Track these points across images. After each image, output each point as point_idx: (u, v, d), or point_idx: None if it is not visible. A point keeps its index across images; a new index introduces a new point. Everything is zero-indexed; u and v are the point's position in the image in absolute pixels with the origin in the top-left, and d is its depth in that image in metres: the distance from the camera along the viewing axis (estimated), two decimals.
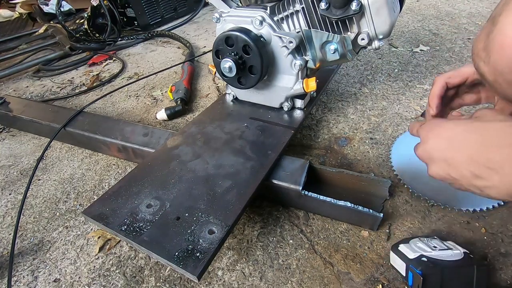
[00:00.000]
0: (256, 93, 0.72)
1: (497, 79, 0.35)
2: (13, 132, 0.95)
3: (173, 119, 0.89)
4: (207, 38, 1.44)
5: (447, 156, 0.35)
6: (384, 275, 0.48)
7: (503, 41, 0.32)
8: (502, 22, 0.32)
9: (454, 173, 0.34)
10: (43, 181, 0.75)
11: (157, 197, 0.51)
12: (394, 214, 0.56)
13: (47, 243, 0.60)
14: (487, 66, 0.35)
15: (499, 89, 0.36)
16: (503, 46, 0.32)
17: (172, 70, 1.17)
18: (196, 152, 0.60)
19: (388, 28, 0.56)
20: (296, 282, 0.49)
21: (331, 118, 0.81)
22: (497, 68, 0.34)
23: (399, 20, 1.30)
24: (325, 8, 0.56)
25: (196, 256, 0.42)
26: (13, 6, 2.03)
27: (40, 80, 1.26)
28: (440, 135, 0.36)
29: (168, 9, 1.69)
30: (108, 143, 0.73)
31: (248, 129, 0.66)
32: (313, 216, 0.58)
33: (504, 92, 0.36)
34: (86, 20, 1.46)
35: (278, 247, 0.54)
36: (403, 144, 0.67)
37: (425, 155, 0.37)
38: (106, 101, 1.03)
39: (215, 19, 0.67)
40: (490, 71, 0.35)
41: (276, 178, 0.56)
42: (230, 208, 0.48)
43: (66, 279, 0.53)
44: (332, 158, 0.70)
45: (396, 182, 0.60)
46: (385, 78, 0.95)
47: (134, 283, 0.51)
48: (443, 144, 0.35)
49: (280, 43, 0.61)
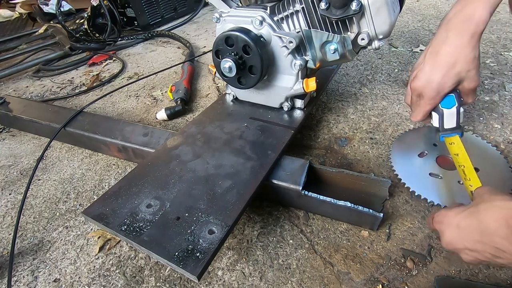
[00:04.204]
0: (256, 93, 0.72)
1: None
2: (13, 132, 0.95)
3: (173, 119, 0.89)
4: (207, 38, 1.44)
5: (465, 244, 0.37)
6: (384, 275, 0.48)
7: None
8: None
9: (480, 257, 0.36)
10: (43, 181, 0.75)
11: (157, 197, 0.51)
12: (394, 214, 0.56)
13: (47, 243, 0.60)
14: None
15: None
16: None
17: (172, 70, 1.17)
18: (196, 152, 0.60)
19: (388, 28, 0.56)
20: (296, 282, 0.49)
21: (331, 118, 0.81)
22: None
23: (399, 20, 1.30)
24: (325, 8, 0.56)
25: (196, 256, 0.42)
26: (13, 6, 2.03)
27: (40, 80, 1.26)
28: (449, 224, 0.39)
29: (168, 9, 1.69)
30: (108, 143, 0.73)
31: (248, 129, 0.66)
32: (313, 216, 0.58)
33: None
34: (86, 20, 1.46)
35: (278, 247, 0.54)
36: (403, 143, 0.67)
37: (450, 247, 0.40)
38: (106, 101, 1.03)
39: (215, 19, 0.67)
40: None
41: (276, 178, 0.56)
42: (230, 208, 0.48)
43: (66, 279, 0.53)
44: (332, 158, 0.70)
45: (396, 182, 0.60)
46: (385, 78, 0.95)
47: (134, 283, 0.51)
48: (455, 234, 0.38)
49: (280, 43, 0.61)
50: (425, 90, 0.53)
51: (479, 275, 0.47)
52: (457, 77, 0.51)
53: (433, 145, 0.64)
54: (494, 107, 0.78)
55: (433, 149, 0.63)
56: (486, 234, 0.34)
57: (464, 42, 0.50)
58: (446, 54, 0.51)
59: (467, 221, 0.37)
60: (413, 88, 0.55)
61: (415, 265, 0.49)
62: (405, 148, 0.65)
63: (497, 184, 0.54)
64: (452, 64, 0.51)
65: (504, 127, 0.72)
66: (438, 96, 0.53)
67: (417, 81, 0.54)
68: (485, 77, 0.89)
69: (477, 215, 0.36)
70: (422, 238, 0.52)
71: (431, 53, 0.53)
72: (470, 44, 0.50)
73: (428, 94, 0.53)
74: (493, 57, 0.98)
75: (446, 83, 0.51)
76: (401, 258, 0.50)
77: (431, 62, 0.53)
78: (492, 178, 0.55)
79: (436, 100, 0.54)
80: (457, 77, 0.51)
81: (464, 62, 0.50)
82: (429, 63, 0.53)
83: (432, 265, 0.49)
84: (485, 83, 0.86)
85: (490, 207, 0.36)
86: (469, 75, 0.51)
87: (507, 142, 0.67)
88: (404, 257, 0.50)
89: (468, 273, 0.47)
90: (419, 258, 0.50)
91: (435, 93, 0.53)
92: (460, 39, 0.50)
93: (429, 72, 0.53)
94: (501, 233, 0.33)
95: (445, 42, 0.52)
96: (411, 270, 0.48)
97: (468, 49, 0.50)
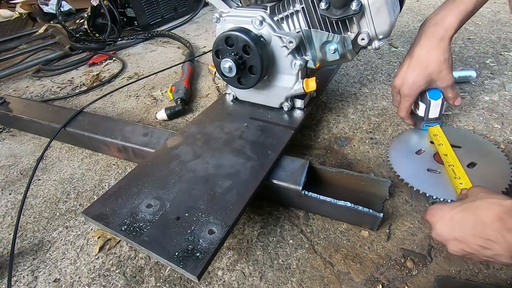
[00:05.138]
0: (256, 93, 0.72)
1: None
2: (13, 132, 0.95)
3: (173, 119, 0.89)
4: (207, 38, 1.44)
5: (455, 235, 0.40)
6: (384, 275, 0.48)
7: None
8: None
9: (467, 248, 0.39)
10: (43, 181, 0.75)
11: (157, 197, 0.51)
12: (394, 214, 0.56)
13: (47, 243, 0.60)
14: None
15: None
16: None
17: (172, 70, 1.17)
18: (196, 152, 0.60)
19: (388, 28, 0.56)
20: (296, 282, 0.49)
21: (331, 118, 0.81)
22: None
23: (399, 20, 1.30)
24: (325, 8, 0.56)
25: (196, 256, 0.42)
26: (13, 6, 2.03)
27: (40, 80, 1.26)
28: (442, 217, 0.42)
29: (168, 9, 1.69)
30: (108, 143, 0.73)
31: (248, 129, 0.66)
32: (313, 216, 0.58)
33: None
34: (86, 20, 1.46)
35: (278, 247, 0.54)
36: (402, 142, 0.67)
37: (439, 237, 0.42)
38: (106, 101, 1.03)
39: (215, 19, 0.67)
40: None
41: (276, 178, 0.56)
42: (230, 208, 0.48)
43: (66, 279, 0.53)
44: (332, 158, 0.70)
45: (396, 182, 0.60)
46: (385, 78, 0.95)
47: (134, 283, 0.51)
48: (447, 226, 0.41)
49: (280, 43, 0.61)
50: (402, 88, 0.62)
51: (479, 275, 0.47)
52: (429, 77, 0.59)
53: (430, 142, 0.64)
54: (494, 107, 0.78)
55: (430, 147, 0.63)
56: (480, 226, 0.37)
57: (434, 45, 0.57)
58: (419, 56, 0.59)
59: (461, 214, 0.40)
60: (392, 85, 0.65)
61: (415, 265, 0.49)
62: (402, 146, 0.66)
63: (494, 179, 0.55)
64: (425, 66, 0.58)
65: (504, 127, 0.72)
66: (413, 93, 0.61)
67: (396, 80, 0.63)
68: (485, 77, 0.89)
69: (473, 209, 0.39)
70: (422, 238, 0.52)
71: (408, 55, 0.61)
72: (440, 46, 0.56)
73: (404, 92, 0.62)
74: (493, 57, 0.98)
75: (419, 82, 0.59)
76: (401, 258, 0.50)
77: (407, 63, 0.61)
78: (490, 172, 0.56)
79: (412, 97, 0.62)
80: (429, 77, 0.59)
81: (435, 64, 0.57)
82: (405, 64, 0.61)
83: (432, 265, 0.49)
84: (485, 83, 0.86)
85: (486, 203, 0.38)
86: (441, 75, 0.58)
87: (507, 142, 0.67)
88: (404, 257, 0.50)
89: (468, 273, 0.47)
90: (419, 258, 0.50)
91: (410, 91, 0.61)
92: (430, 42, 0.57)
93: (405, 72, 0.61)
94: (494, 226, 0.36)
95: (418, 45, 0.59)
96: (411, 270, 0.48)
97: (438, 51, 0.56)
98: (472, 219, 0.38)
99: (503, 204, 0.37)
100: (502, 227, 0.35)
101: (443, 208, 0.43)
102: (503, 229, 0.35)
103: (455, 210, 0.41)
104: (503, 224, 0.35)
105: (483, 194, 0.41)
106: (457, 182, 0.53)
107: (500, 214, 0.36)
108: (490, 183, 0.53)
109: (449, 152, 0.58)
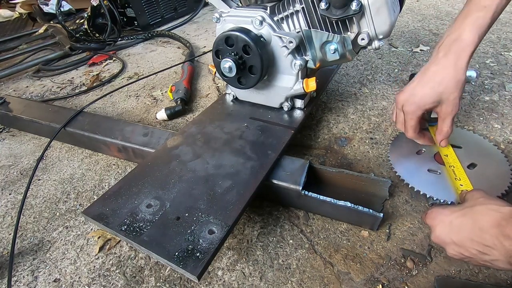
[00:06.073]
0: (256, 93, 0.72)
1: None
2: (13, 132, 0.95)
3: (173, 119, 0.89)
4: (207, 38, 1.44)
5: (453, 239, 0.40)
6: (384, 275, 0.48)
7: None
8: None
9: (465, 252, 0.39)
10: (43, 181, 0.75)
11: (157, 197, 0.51)
12: (394, 214, 0.56)
13: (47, 243, 0.60)
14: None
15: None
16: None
17: (172, 70, 1.17)
18: (196, 152, 0.60)
19: (388, 28, 0.56)
20: (296, 282, 0.49)
21: (331, 118, 0.81)
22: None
23: (399, 20, 1.30)
24: (325, 8, 0.56)
25: (196, 256, 0.42)
26: (13, 6, 2.03)
27: (40, 80, 1.26)
28: (442, 221, 0.42)
29: (168, 9, 1.69)
30: (108, 143, 0.73)
31: (248, 129, 0.66)
32: (313, 216, 0.58)
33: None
34: (86, 20, 1.46)
35: (278, 247, 0.54)
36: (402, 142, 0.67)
37: (438, 241, 0.42)
38: (106, 101, 1.03)
39: (215, 19, 0.67)
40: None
41: (276, 178, 0.56)
42: (230, 208, 0.48)
43: (66, 279, 0.53)
44: (332, 158, 0.70)
45: (396, 182, 0.60)
46: (385, 78, 0.95)
47: (134, 283, 0.51)
48: (446, 229, 0.41)
49: (280, 43, 0.61)
50: (406, 103, 0.54)
51: (479, 275, 0.47)
52: (439, 97, 0.52)
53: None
54: (494, 107, 0.78)
55: (431, 147, 0.63)
56: (478, 232, 0.37)
57: (451, 62, 0.51)
58: (434, 72, 0.52)
59: (460, 219, 0.40)
60: (396, 100, 0.57)
61: (415, 265, 0.49)
62: (403, 146, 0.65)
63: (495, 180, 0.55)
64: (437, 83, 0.52)
65: (504, 127, 0.72)
66: (419, 110, 0.53)
67: (402, 94, 0.55)
68: (485, 77, 0.89)
69: (472, 215, 0.39)
70: (422, 238, 0.52)
71: (422, 72, 0.54)
72: (458, 65, 0.50)
73: (408, 108, 0.54)
74: (493, 57, 0.98)
75: (428, 100, 0.52)
76: (401, 258, 0.50)
77: (419, 78, 0.54)
78: (490, 173, 0.56)
79: (416, 115, 0.54)
80: (439, 96, 0.52)
81: (451, 83, 0.51)
82: (416, 80, 0.54)
83: (432, 265, 0.49)
84: (485, 83, 0.86)
85: (485, 209, 0.39)
86: (450, 98, 0.51)
87: (507, 142, 0.67)
88: (404, 257, 0.50)
89: (468, 273, 0.47)
90: (419, 258, 0.50)
91: (415, 107, 0.53)
92: (447, 59, 0.51)
93: (413, 87, 0.54)
94: (492, 232, 0.36)
95: (434, 62, 0.53)
96: (411, 270, 0.48)
97: (454, 70, 0.51)
98: (471, 224, 0.39)
99: (502, 210, 0.37)
100: (500, 233, 0.35)
101: (442, 211, 0.43)
102: (501, 235, 0.35)
103: (455, 214, 0.41)
104: (501, 230, 0.35)
105: (482, 199, 0.41)
106: (458, 183, 0.52)
107: (499, 220, 0.36)
108: (490, 185, 0.53)
109: (450, 152, 0.58)
